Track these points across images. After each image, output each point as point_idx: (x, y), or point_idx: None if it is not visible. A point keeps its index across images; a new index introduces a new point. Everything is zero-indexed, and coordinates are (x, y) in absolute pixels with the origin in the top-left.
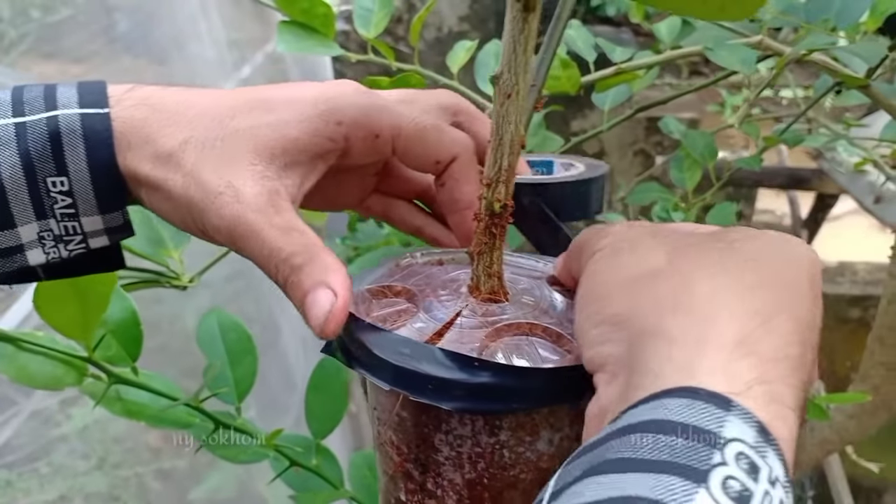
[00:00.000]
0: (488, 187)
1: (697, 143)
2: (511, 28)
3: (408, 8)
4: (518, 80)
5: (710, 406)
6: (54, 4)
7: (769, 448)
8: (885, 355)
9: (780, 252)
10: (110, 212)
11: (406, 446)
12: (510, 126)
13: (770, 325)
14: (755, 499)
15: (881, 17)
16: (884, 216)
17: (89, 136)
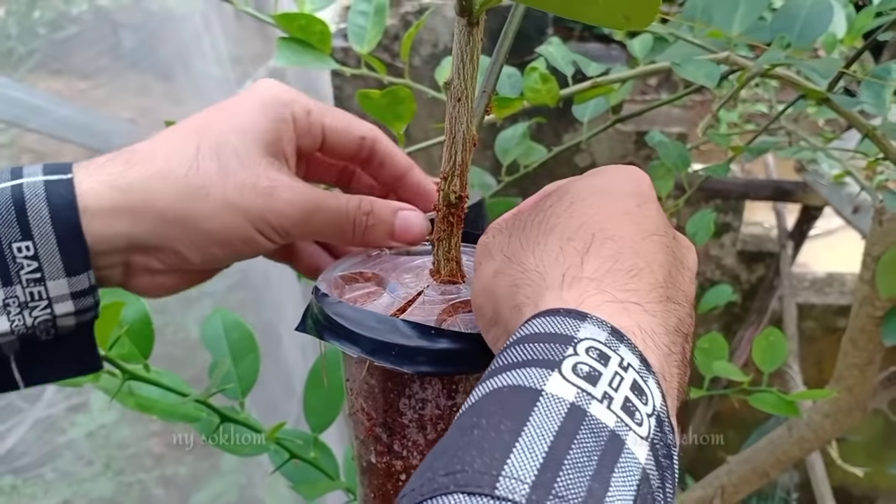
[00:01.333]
0: (445, 180)
1: (671, 153)
2: (458, 41)
3: (404, 25)
4: (466, 86)
5: (567, 318)
6: (61, 21)
7: (621, 344)
8: (857, 357)
9: (599, 187)
10: (76, 274)
11: (374, 411)
12: (462, 126)
13: (589, 254)
14: (604, 377)
15: (858, 33)
16: (860, 226)
17: (53, 198)
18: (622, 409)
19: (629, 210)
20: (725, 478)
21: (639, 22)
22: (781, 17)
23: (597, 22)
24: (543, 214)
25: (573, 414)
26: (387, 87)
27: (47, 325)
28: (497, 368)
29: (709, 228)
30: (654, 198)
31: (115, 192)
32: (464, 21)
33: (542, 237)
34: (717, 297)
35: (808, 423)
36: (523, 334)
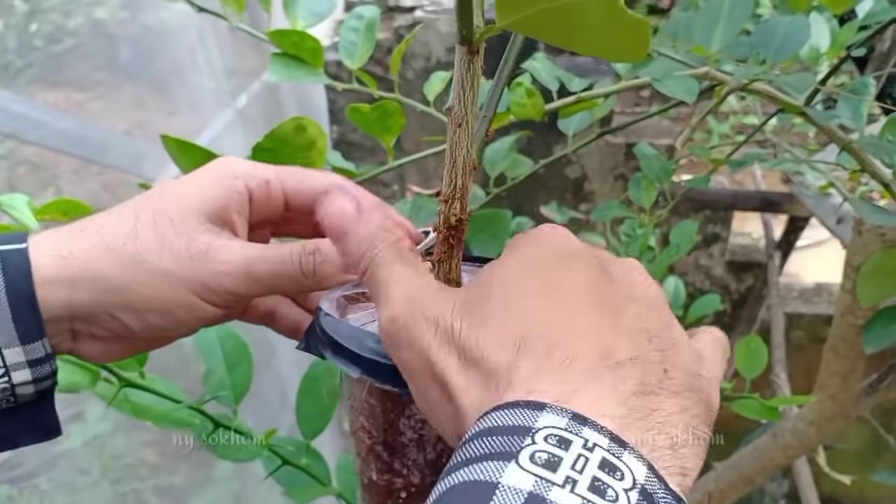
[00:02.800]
0: (445, 203)
1: (653, 165)
2: (459, 67)
3: (398, 39)
4: (467, 111)
5: (525, 409)
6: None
7: (584, 426)
8: (839, 365)
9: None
10: (31, 342)
11: (375, 430)
12: (462, 150)
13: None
14: (565, 462)
15: (841, 47)
16: (843, 236)
17: (7, 268)
18: (590, 489)
19: (550, 284)
20: (712, 484)
21: (631, 55)
22: (760, 34)
23: (592, 52)
24: (475, 318)
25: (531, 502)
26: (378, 101)
27: (6, 394)
28: (454, 465)
29: (691, 238)
30: (575, 250)
31: (57, 261)
32: (464, 49)
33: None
34: (706, 307)
35: (792, 431)
36: (480, 429)
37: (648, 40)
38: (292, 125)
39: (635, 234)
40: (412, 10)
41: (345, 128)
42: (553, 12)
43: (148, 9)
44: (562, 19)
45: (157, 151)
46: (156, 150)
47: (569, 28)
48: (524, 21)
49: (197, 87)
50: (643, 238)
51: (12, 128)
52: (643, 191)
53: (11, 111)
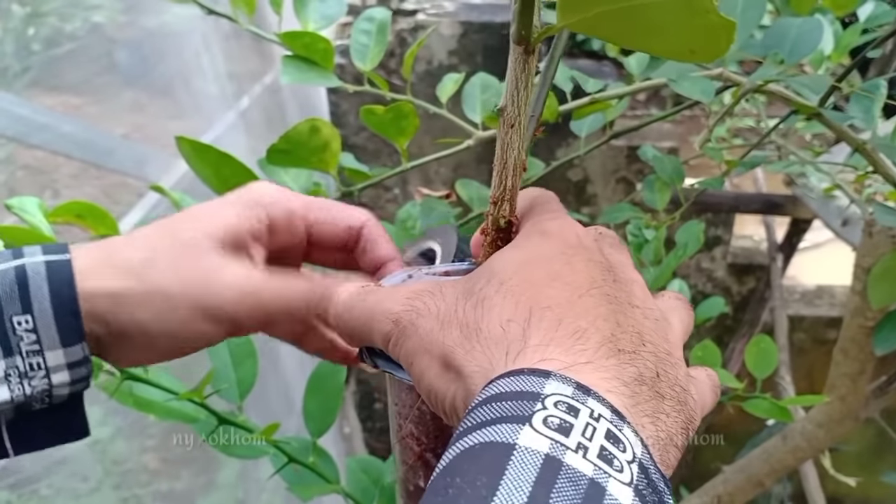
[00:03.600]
0: (495, 205)
1: (666, 167)
2: (514, 68)
3: (400, 43)
4: (520, 112)
5: (532, 376)
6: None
7: (588, 397)
8: (848, 366)
9: (522, 260)
10: (71, 345)
11: (425, 437)
12: (513, 152)
13: (530, 328)
14: (576, 429)
15: (845, 50)
16: (849, 238)
17: (52, 276)
18: (599, 457)
19: (557, 273)
20: (721, 487)
21: (706, 55)
22: (773, 35)
23: (660, 54)
24: (476, 299)
25: (549, 464)
26: (388, 103)
27: (43, 395)
28: (465, 430)
29: (698, 239)
30: (583, 245)
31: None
32: (520, 49)
33: (481, 323)
34: (710, 310)
35: (801, 432)
36: (488, 395)
37: (732, 40)
38: (307, 126)
39: (642, 235)
40: (414, 14)
41: (347, 131)
42: (621, 12)
43: (147, 12)
44: (630, 20)
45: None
46: (159, 154)
47: (637, 29)
48: (589, 21)
49: (198, 90)
50: (657, 241)
51: (15, 131)
52: (657, 193)
53: (14, 114)
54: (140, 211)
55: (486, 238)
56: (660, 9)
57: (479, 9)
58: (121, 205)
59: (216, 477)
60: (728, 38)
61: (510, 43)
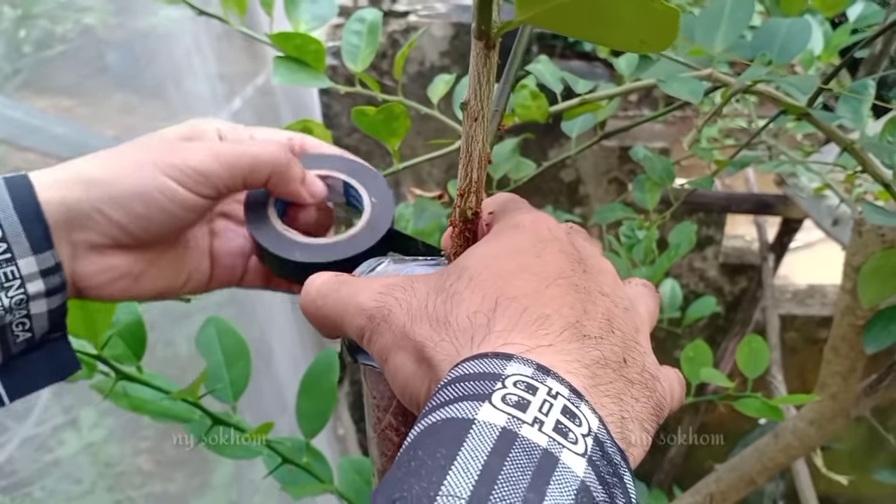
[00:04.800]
0: (461, 197)
1: (656, 167)
2: (475, 63)
3: (392, 44)
4: (483, 106)
5: (494, 359)
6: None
7: (548, 377)
8: (839, 365)
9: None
10: (41, 251)
11: (405, 427)
12: (478, 145)
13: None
14: (533, 405)
15: (834, 50)
16: (839, 237)
17: (12, 188)
18: (554, 430)
19: (526, 265)
20: (713, 485)
21: (655, 45)
22: (762, 36)
23: (614, 45)
24: (446, 294)
25: (505, 436)
26: (380, 104)
27: (22, 314)
28: (430, 408)
29: (690, 239)
30: (555, 238)
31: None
32: (481, 44)
33: (450, 316)
34: (702, 309)
35: (793, 431)
36: (453, 377)
37: (677, 29)
38: (299, 128)
39: (635, 236)
40: (406, 15)
41: (339, 132)
42: (576, 5)
43: (138, 14)
44: (584, 12)
45: None
46: None
47: (591, 21)
48: (545, 15)
49: (189, 92)
50: (647, 241)
51: (6, 133)
52: (647, 193)
53: (5, 116)
54: None
55: (454, 229)
56: (611, 1)
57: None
58: None
59: (210, 478)
60: (674, 26)
61: (471, 38)
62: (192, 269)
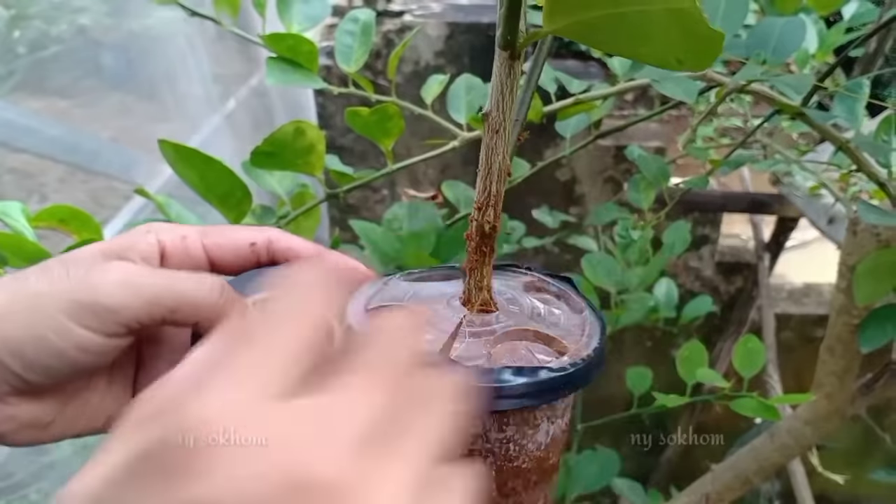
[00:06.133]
0: (479, 210)
1: (651, 167)
2: (499, 73)
3: (386, 44)
4: (505, 117)
5: None
6: (43, 41)
7: None
8: (835, 364)
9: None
10: None
11: None
12: (498, 157)
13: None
14: None
15: (829, 49)
16: (835, 236)
17: None
18: None
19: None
20: (710, 485)
21: (693, 65)
22: (756, 35)
23: (647, 61)
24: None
25: None
26: (373, 105)
27: None
28: None
29: (685, 239)
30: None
31: None
32: (506, 54)
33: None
34: (698, 308)
35: (788, 430)
36: None
37: (720, 52)
38: (291, 128)
39: (629, 236)
40: (401, 15)
41: (334, 132)
42: (608, 19)
43: (133, 15)
44: (617, 27)
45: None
46: (146, 157)
47: (624, 36)
48: (575, 27)
49: (184, 93)
50: (642, 241)
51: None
52: (642, 192)
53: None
54: (126, 215)
55: (471, 244)
56: (647, 17)
57: (465, 10)
58: (107, 208)
59: None
60: (716, 49)
61: (496, 48)
62: (114, 409)
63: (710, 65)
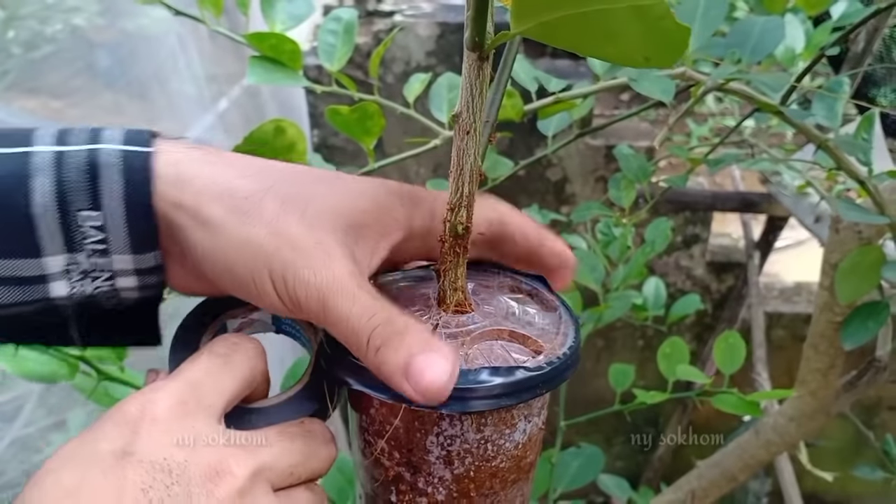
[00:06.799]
0: (451, 211)
1: (632, 165)
2: (468, 74)
3: (377, 43)
4: (475, 118)
5: None
6: (36, 41)
7: None
8: (819, 361)
9: None
10: (142, 252)
11: (398, 452)
12: (469, 158)
13: None
14: None
15: (816, 48)
16: (821, 234)
17: (127, 171)
18: None
19: None
20: (696, 482)
21: (660, 62)
22: (735, 35)
23: (614, 60)
24: None
25: None
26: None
27: (108, 296)
28: None
29: (665, 235)
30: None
31: (175, 181)
32: (474, 55)
33: None
34: (686, 307)
35: (773, 427)
36: None
37: (686, 46)
38: (271, 127)
39: (611, 233)
40: (391, 15)
41: (326, 131)
42: (575, 19)
43: (126, 15)
44: (584, 26)
45: None
46: None
47: (591, 35)
48: (542, 28)
49: (177, 93)
50: (622, 238)
51: None
52: (623, 191)
53: None
54: None
55: (444, 245)
56: (613, 15)
57: (456, 9)
58: None
59: None
60: (683, 44)
61: (464, 49)
62: None
63: (676, 61)
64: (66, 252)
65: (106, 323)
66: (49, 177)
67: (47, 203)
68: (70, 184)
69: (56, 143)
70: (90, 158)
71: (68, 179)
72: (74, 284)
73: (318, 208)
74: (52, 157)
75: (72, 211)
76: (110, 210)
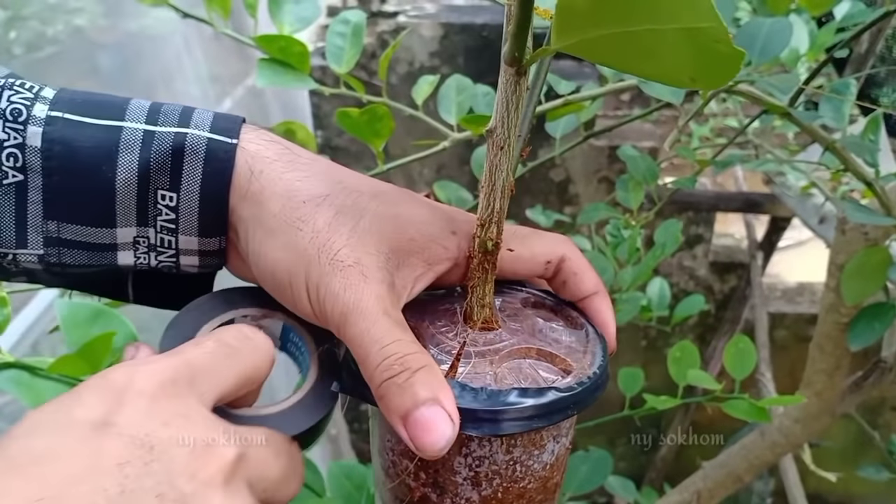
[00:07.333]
0: (482, 227)
1: (640, 166)
2: (504, 89)
3: (381, 45)
4: (510, 134)
5: None
6: (39, 42)
7: None
8: (824, 362)
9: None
10: (208, 237)
11: (424, 472)
12: (502, 174)
13: None
14: None
15: (820, 49)
16: (826, 235)
17: (210, 161)
18: None
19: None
20: (701, 483)
21: (707, 84)
22: (742, 36)
23: (655, 79)
24: None
25: None
26: (365, 106)
27: (169, 268)
28: None
29: (676, 238)
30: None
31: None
32: (512, 70)
33: None
34: (691, 307)
35: (779, 428)
36: None
37: (738, 70)
38: (282, 129)
39: (620, 235)
40: (395, 16)
41: (329, 133)
42: (618, 37)
43: (129, 16)
44: (628, 44)
45: None
46: None
47: (634, 54)
48: (584, 44)
49: (181, 94)
50: (631, 240)
51: None
52: (630, 192)
53: None
54: None
55: (473, 261)
56: (662, 35)
57: (459, 10)
58: None
59: None
60: (735, 67)
61: (501, 63)
62: None
63: (726, 84)
64: (137, 225)
65: (161, 286)
66: (135, 154)
67: (130, 179)
68: (154, 164)
69: (146, 122)
70: (177, 142)
71: (154, 160)
72: (140, 255)
73: (368, 227)
74: (142, 136)
75: (151, 189)
76: (187, 194)
